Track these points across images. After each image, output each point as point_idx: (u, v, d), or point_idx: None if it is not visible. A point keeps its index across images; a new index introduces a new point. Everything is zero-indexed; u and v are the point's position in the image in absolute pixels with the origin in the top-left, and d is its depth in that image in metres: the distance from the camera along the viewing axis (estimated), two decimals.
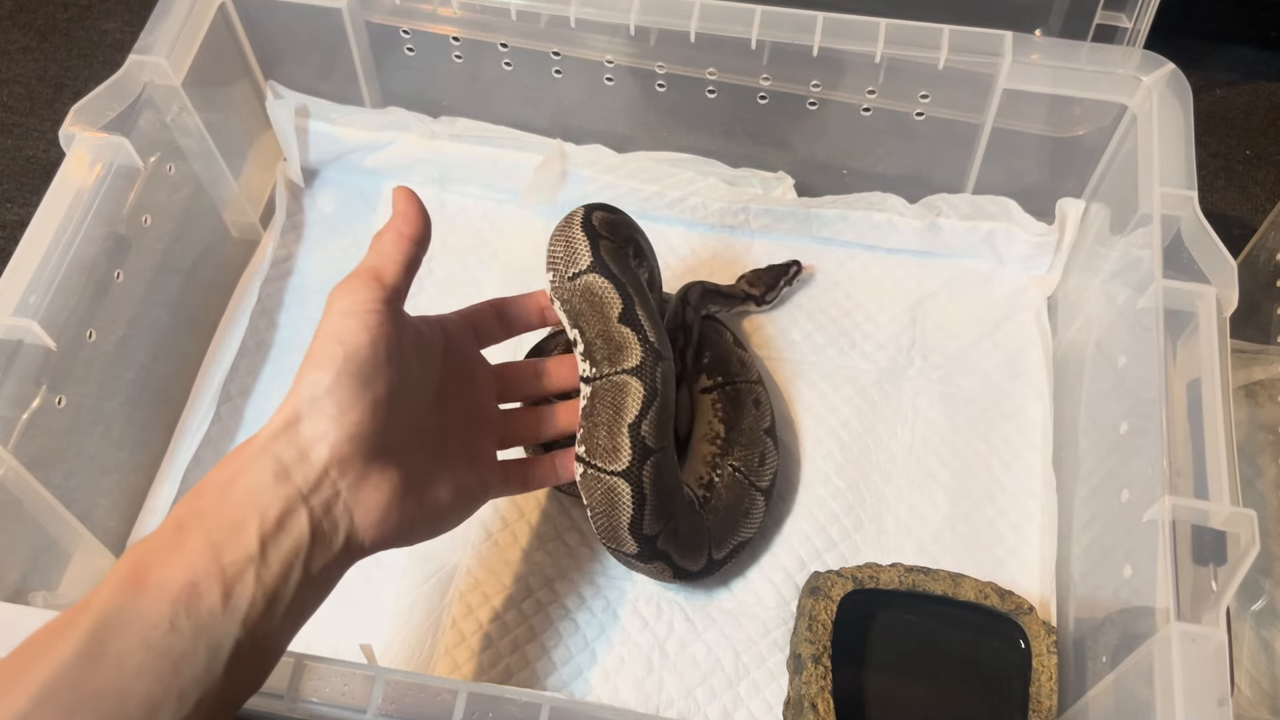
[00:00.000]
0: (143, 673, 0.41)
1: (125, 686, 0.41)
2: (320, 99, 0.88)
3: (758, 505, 0.73)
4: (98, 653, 0.41)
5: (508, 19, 0.81)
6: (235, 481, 0.47)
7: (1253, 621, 0.71)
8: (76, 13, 1.10)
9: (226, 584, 0.44)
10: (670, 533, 0.67)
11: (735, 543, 0.72)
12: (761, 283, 0.84)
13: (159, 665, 0.42)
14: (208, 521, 0.46)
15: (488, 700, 0.53)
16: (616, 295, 0.64)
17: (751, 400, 0.76)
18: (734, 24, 0.77)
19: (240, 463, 0.48)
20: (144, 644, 0.42)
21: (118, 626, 0.42)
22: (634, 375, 0.62)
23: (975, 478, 0.78)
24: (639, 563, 0.67)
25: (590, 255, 0.65)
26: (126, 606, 0.42)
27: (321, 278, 0.88)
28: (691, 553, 0.69)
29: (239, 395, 0.82)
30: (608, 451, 0.62)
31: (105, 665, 0.41)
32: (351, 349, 0.50)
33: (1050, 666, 0.66)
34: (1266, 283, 0.81)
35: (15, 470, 0.64)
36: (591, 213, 0.68)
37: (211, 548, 0.45)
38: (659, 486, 0.64)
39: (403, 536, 0.53)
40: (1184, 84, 0.73)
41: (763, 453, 0.75)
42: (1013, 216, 0.85)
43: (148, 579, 0.43)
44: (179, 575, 0.44)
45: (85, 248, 0.68)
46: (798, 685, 0.65)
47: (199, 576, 0.44)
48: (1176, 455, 0.59)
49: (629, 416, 0.62)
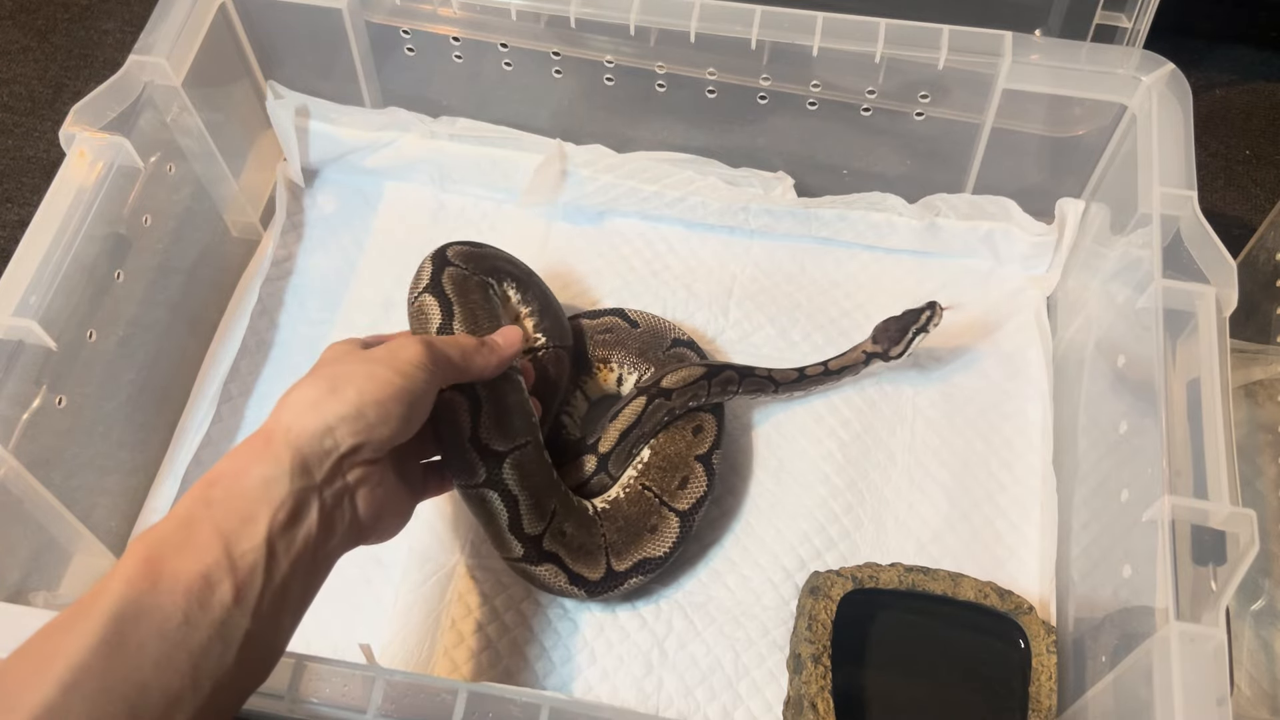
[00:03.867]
0: (161, 665, 0.42)
1: (145, 679, 0.42)
2: (320, 99, 0.88)
3: (669, 525, 0.71)
4: (116, 643, 0.42)
5: (508, 19, 0.81)
6: (248, 472, 0.48)
7: (1252, 621, 0.72)
8: (76, 13, 1.11)
9: (238, 576, 0.45)
10: (556, 533, 0.68)
11: (640, 557, 0.70)
12: (886, 337, 0.77)
13: (176, 657, 0.43)
14: (217, 512, 0.47)
15: (488, 700, 0.54)
16: (438, 311, 0.67)
17: (691, 427, 0.75)
18: (734, 24, 0.77)
19: (254, 454, 0.49)
20: (160, 635, 0.42)
21: (134, 618, 0.42)
22: (454, 389, 0.62)
23: (975, 478, 0.78)
24: (530, 566, 0.68)
25: (429, 279, 0.70)
26: (141, 598, 0.43)
27: (321, 277, 0.88)
28: (586, 557, 0.69)
29: (239, 395, 0.82)
30: (464, 469, 0.64)
31: (125, 656, 0.42)
32: (410, 386, 0.55)
33: (1050, 666, 0.66)
34: (1266, 283, 0.81)
35: (15, 470, 0.64)
36: (449, 246, 0.73)
37: (222, 539, 0.46)
38: (527, 484, 0.65)
39: (387, 528, 0.57)
40: (1184, 84, 0.73)
41: (686, 477, 0.73)
42: (1012, 216, 0.85)
43: (161, 570, 0.44)
44: (191, 567, 0.44)
45: (85, 248, 0.68)
46: (797, 685, 0.65)
47: (210, 569, 0.45)
48: (1176, 455, 0.59)
49: (465, 430, 0.63)
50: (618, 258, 0.88)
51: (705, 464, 0.74)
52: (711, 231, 0.89)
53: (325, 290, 0.87)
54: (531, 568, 0.68)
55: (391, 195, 0.92)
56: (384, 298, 0.86)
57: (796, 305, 0.86)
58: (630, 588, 0.70)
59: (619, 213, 0.90)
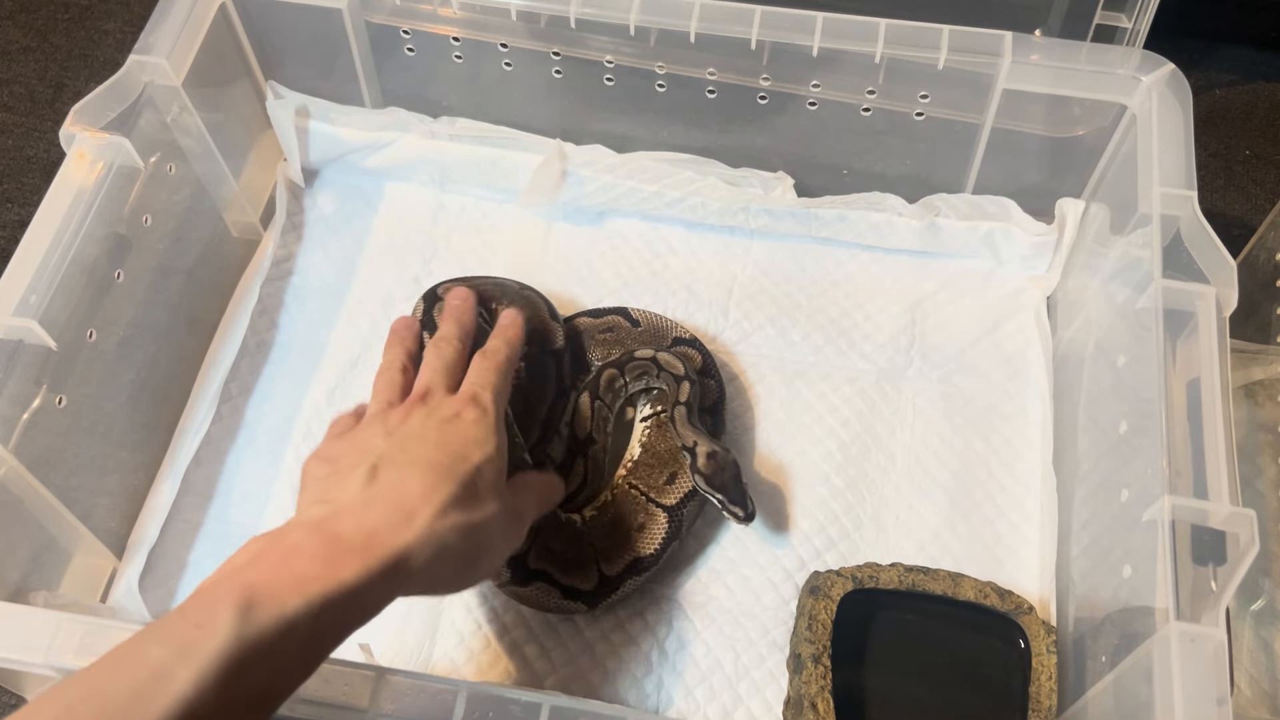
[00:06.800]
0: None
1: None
2: (320, 99, 0.88)
3: (657, 521, 0.71)
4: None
5: (508, 19, 0.81)
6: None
7: (1252, 621, 0.72)
8: (76, 13, 1.11)
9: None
10: (542, 550, 0.67)
11: (630, 559, 0.70)
12: (715, 475, 0.70)
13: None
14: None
15: (488, 700, 0.54)
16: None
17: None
18: (734, 24, 0.77)
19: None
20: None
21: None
22: None
23: (975, 478, 0.78)
24: (519, 588, 0.68)
25: (422, 316, 0.73)
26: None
27: (322, 278, 0.88)
28: (576, 569, 0.68)
29: (239, 395, 0.82)
30: None
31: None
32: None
33: (1050, 666, 0.66)
34: (1266, 283, 0.81)
35: (15, 470, 0.64)
36: (440, 284, 0.77)
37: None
38: None
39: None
40: (1183, 84, 0.73)
41: (674, 473, 0.73)
42: (1012, 216, 0.85)
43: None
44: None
45: (86, 248, 0.68)
46: (798, 685, 0.65)
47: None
48: (1176, 455, 0.59)
49: None
50: (618, 258, 0.88)
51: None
52: (711, 231, 0.89)
53: (325, 290, 0.87)
54: (521, 589, 0.68)
55: (391, 195, 0.92)
56: (384, 298, 0.86)
57: (796, 305, 0.86)
58: (628, 591, 0.70)
59: (619, 213, 0.90)
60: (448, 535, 0.51)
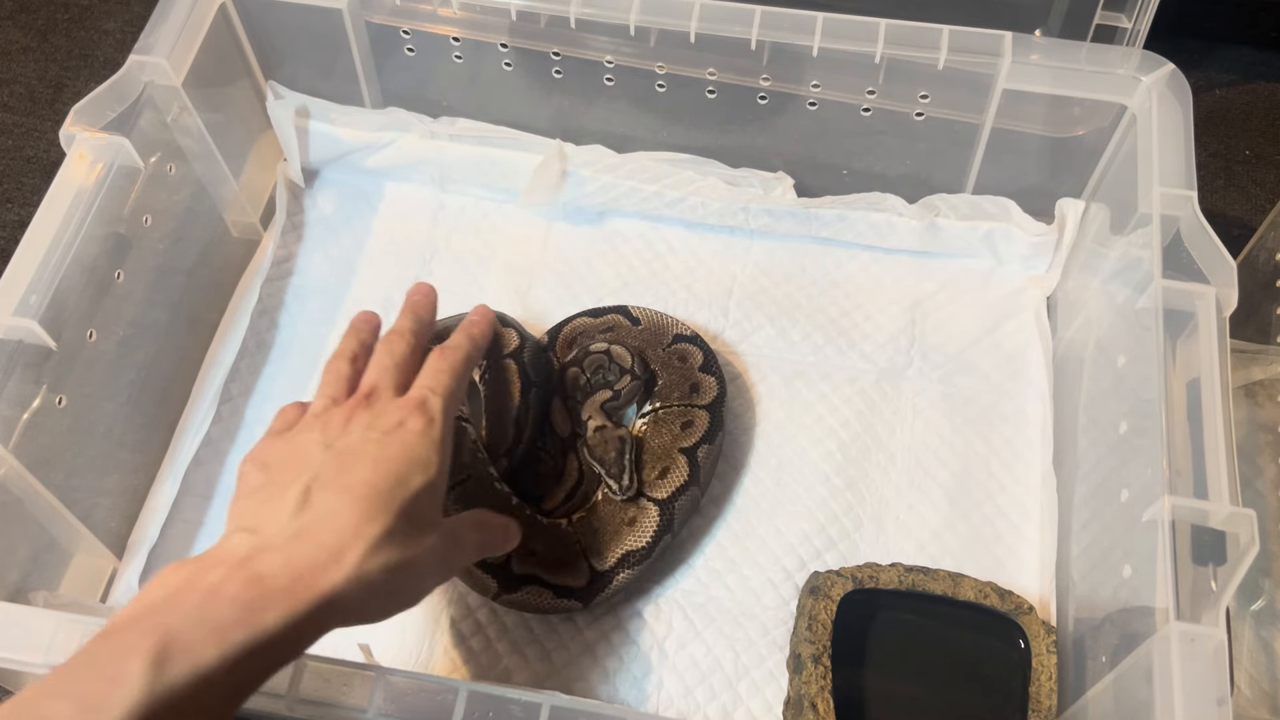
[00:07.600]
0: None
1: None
2: (320, 99, 0.88)
3: (648, 515, 0.70)
4: None
5: (508, 19, 0.81)
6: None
7: (1252, 621, 0.72)
8: (76, 13, 1.11)
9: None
10: (525, 555, 0.67)
11: (622, 552, 0.69)
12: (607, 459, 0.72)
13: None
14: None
15: (488, 700, 0.54)
16: None
17: (681, 422, 0.75)
18: (734, 24, 0.77)
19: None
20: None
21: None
22: None
23: (975, 478, 0.78)
24: (510, 595, 0.68)
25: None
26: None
27: (322, 278, 0.88)
28: (564, 568, 0.68)
29: (240, 395, 0.82)
30: None
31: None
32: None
33: (1050, 666, 0.66)
34: (1266, 283, 0.81)
35: (15, 470, 0.64)
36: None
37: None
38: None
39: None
40: (1183, 84, 0.73)
41: (667, 468, 0.72)
42: (1012, 216, 0.85)
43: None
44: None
45: (86, 248, 0.68)
46: (797, 685, 0.65)
47: None
48: (1176, 455, 0.59)
49: None
50: (618, 258, 0.88)
51: (689, 456, 0.73)
52: (711, 231, 0.89)
53: (325, 290, 0.87)
54: (512, 595, 0.68)
55: (391, 195, 0.92)
56: (384, 298, 0.86)
57: (796, 305, 0.86)
58: (621, 584, 0.70)
59: (619, 213, 0.90)
60: (376, 575, 0.49)
